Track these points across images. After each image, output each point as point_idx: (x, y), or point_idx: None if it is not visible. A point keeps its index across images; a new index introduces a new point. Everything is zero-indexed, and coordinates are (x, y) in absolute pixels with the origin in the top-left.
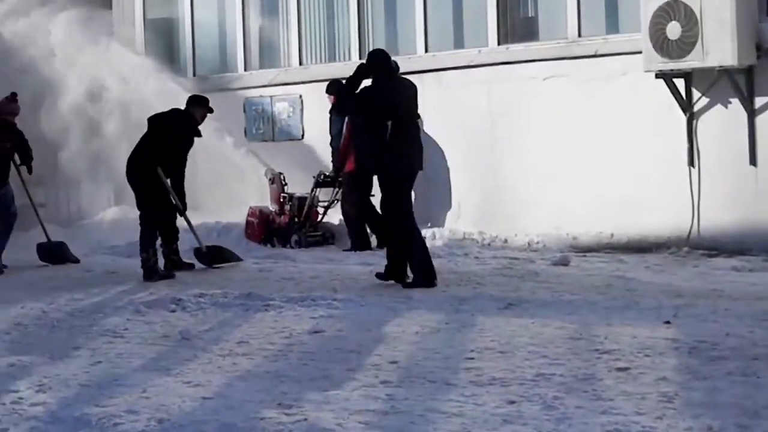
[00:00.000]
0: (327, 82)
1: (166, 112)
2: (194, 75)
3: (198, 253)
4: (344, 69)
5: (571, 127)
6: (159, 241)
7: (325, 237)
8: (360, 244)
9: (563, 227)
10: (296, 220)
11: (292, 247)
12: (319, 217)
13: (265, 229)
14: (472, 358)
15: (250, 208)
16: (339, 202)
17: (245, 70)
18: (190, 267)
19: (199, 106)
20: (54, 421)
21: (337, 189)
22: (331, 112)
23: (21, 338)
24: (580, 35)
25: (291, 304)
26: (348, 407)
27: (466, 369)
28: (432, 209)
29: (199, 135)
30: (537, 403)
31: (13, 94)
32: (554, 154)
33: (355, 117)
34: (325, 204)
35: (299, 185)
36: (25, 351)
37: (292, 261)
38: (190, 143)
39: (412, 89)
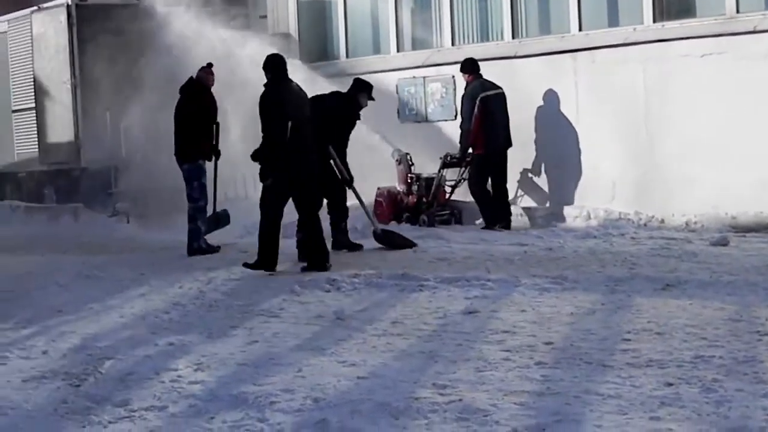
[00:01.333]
0: (463, 61)
1: (328, 95)
2: (347, 57)
3: (374, 235)
4: (497, 49)
5: (729, 105)
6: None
7: (453, 215)
8: (495, 221)
9: (722, 207)
10: (424, 200)
11: (420, 226)
12: (447, 195)
13: (394, 209)
14: (629, 340)
15: (378, 188)
16: (465, 182)
17: (398, 51)
18: (358, 247)
19: (364, 92)
20: (212, 399)
21: (463, 169)
22: (463, 96)
23: (180, 317)
24: (738, 11)
25: (445, 285)
26: (503, 388)
27: (622, 350)
28: (585, 189)
29: (359, 118)
30: (696, 385)
31: (209, 65)
32: (711, 132)
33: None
34: (452, 183)
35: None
36: (184, 330)
37: (445, 241)
38: (352, 126)
39: (303, 95)
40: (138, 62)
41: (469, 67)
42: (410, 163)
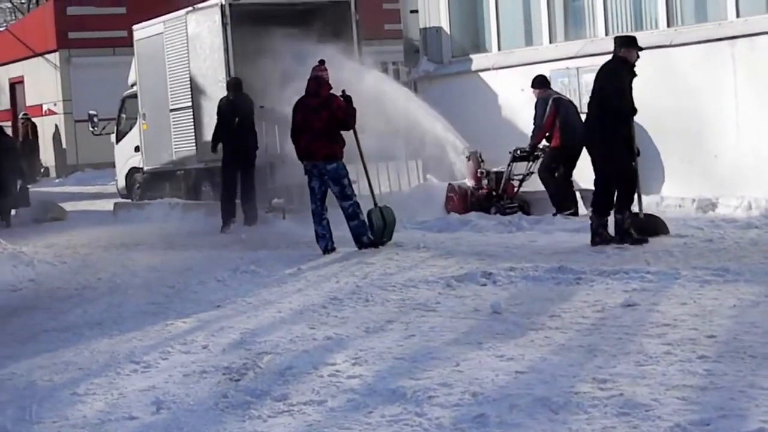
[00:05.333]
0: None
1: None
2: (499, 49)
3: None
4: (650, 38)
5: None
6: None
7: (521, 207)
8: (564, 207)
9: None
10: (494, 192)
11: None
12: (515, 189)
13: (465, 204)
14: None
15: (449, 184)
16: (533, 174)
17: (550, 42)
18: (643, 241)
19: (631, 47)
20: (370, 393)
21: (531, 163)
22: (536, 102)
23: (336, 312)
24: None
25: (603, 278)
26: (665, 382)
27: None
28: (746, 179)
29: (635, 75)
30: None
31: (321, 62)
32: None
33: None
34: (520, 177)
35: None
36: (341, 324)
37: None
38: (630, 84)
39: (248, 102)
40: (290, 60)
41: (539, 83)
42: (480, 159)
